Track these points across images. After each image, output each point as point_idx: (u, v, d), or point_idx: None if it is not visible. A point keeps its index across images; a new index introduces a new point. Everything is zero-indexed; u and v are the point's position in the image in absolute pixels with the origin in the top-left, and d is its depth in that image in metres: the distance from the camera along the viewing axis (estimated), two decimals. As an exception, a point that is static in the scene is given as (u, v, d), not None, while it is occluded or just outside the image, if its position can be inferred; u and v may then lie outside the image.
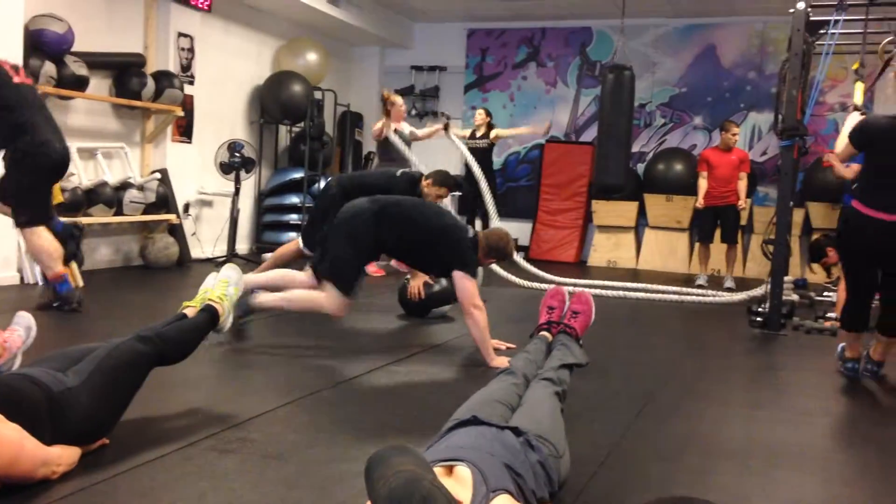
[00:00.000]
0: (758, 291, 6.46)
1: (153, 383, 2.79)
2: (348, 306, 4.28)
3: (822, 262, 6.38)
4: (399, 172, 5.81)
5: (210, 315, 3.05)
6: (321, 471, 2.51)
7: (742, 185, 7.97)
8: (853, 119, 4.33)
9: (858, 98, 4.75)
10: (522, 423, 2.32)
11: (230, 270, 3.29)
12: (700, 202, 8.01)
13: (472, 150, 8.93)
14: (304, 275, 4.47)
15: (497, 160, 10.05)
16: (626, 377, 4.04)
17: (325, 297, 4.21)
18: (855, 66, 5.04)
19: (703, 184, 7.97)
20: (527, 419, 2.36)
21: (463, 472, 1.92)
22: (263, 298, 4.26)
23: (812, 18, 6.29)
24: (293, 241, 5.74)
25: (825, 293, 7.29)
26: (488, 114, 9.10)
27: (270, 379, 3.69)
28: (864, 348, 4.23)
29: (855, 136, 4.03)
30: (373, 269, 6.31)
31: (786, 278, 6.44)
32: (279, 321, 4.97)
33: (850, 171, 4.65)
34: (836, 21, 5.38)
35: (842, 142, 4.11)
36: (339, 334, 4.74)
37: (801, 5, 5.35)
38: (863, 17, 5.60)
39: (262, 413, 3.02)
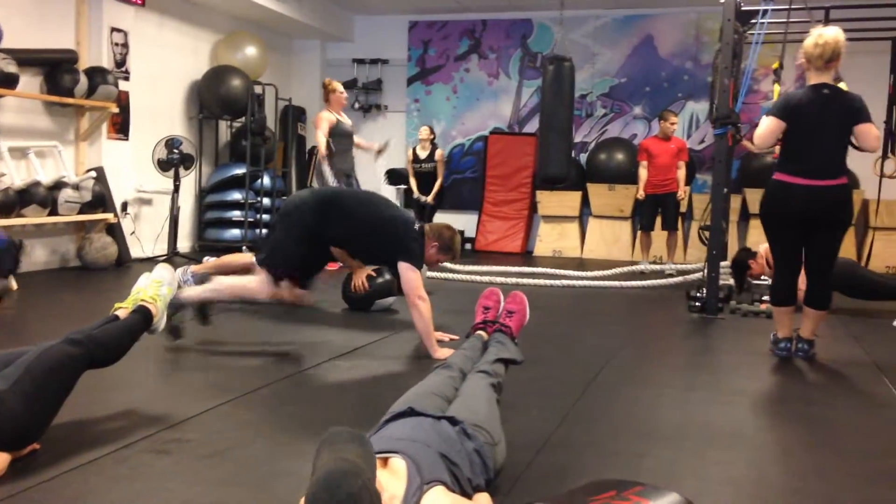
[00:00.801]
0: (695, 276, 6.60)
1: (87, 385, 2.75)
2: (273, 288, 4.19)
3: (748, 274, 6.55)
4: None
5: (143, 316, 3.01)
6: (259, 468, 2.50)
7: (681, 173, 8.12)
8: (767, 122, 4.46)
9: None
10: (458, 412, 2.35)
11: (163, 270, 3.24)
12: (640, 193, 8.13)
13: (419, 174, 9.00)
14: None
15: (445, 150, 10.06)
16: (566, 364, 4.10)
17: (255, 281, 4.17)
18: (774, 66, 5.16)
19: (643, 173, 8.09)
20: (463, 409, 2.39)
21: (397, 463, 1.93)
22: (190, 292, 4.11)
23: (744, 8, 6.43)
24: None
25: (762, 277, 7.47)
26: (432, 130, 9.14)
27: (208, 378, 3.65)
28: (795, 329, 4.36)
29: (779, 110, 4.17)
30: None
31: (723, 263, 6.59)
32: (217, 318, 4.92)
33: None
34: (766, 11, 5.51)
35: (762, 126, 4.23)
36: (281, 331, 4.72)
37: (730, -5, 5.46)
38: (794, 7, 5.74)
39: (199, 413, 2.99)
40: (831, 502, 2.41)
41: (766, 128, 4.19)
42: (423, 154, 9.07)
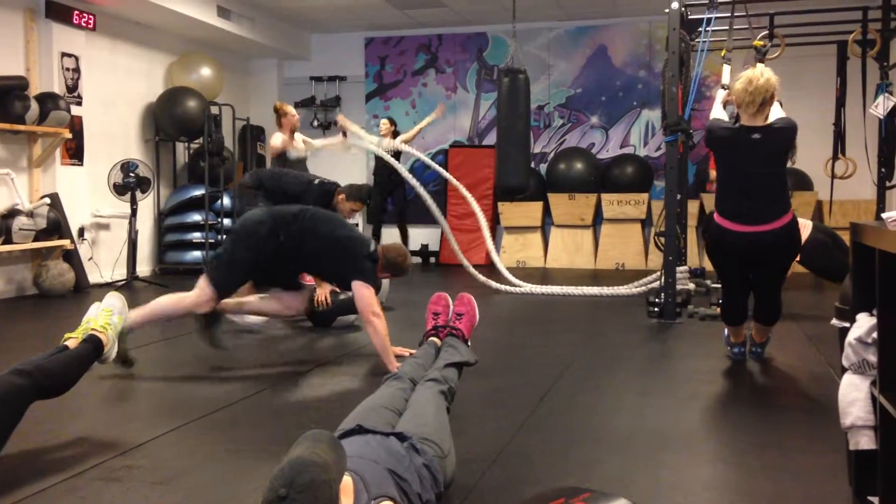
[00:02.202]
0: (655, 282, 6.68)
1: (36, 414, 2.73)
2: (211, 300, 4.14)
3: None
4: (316, 181, 5.79)
5: (93, 345, 2.99)
6: (210, 493, 2.48)
7: None
8: (721, 94, 4.53)
9: (726, 78, 4.92)
10: (407, 427, 2.36)
11: (113, 299, 3.23)
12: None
13: (380, 159, 8.94)
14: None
15: (403, 166, 10.06)
16: (524, 374, 4.13)
17: (189, 294, 4.11)
18: (722, 53, 5.27)
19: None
20: (411, 423, 2.40)
21: (344, 480, 1.94)
22: (131, 316, 3.95)
23: (690, 17, 6.56)
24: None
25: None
26: (392, 122, 9.11)
27: (161, 403, 3.62)
28: (748, 332, 4.43)
29: (706, 141, 4.20)
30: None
31: (682, 268, 6.67)
32: (173, 342, 4.88)
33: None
34: (710, 19, 5.62)
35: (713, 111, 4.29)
36: (235, 352, 4.68)
37: (674, 5, 5.56)
38: (737, 15, 5.88)
39: (150, 439, 2.97)
40: (778, 500, 2.45)
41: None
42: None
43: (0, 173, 6.96)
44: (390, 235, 9.46)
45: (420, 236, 10.30)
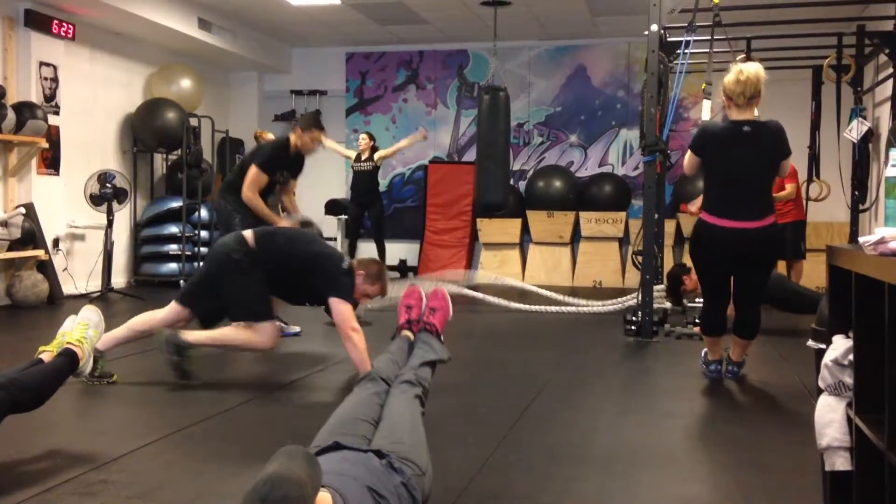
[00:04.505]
0: (632, 301, 6.71)
1: (9, 427, 2.68)
2: (275, 332, 4.22)
3: (681, 290, 6.68)
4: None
5: (69, 359, 2.96)
6: (186, 508, 2.46)
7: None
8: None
9: (706, 114, 4.99)
10: (384, 443, 2.35)
11: (89, 312, 3.19)
12: None
13: (358, 174, 8.94)
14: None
15: (383, 182, 10.10)
16: (503, 391, 4.13)
17: (256, 335, 4.14)
18: (703, 87, 5.32)
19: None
20: (388, 439, 2.39)
21: (324, 496, 1.93)
22: (195, 335, 4.12)
23: (669, 39, 6.64)
24: None
25: (697, 299, 7.63)
26: (371, 137, 9.11)
27: (137, 416, 3.58)
28: (725, 351, 4.47)
29: (694, 143, 4.22)
30: None
31: (659, 286, 6.72)
32: (149, 355, 4.83)
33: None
34: (688, 42, 5.69)
35: (685, 159, 4.33)
36: (212, 366, 4.64)
37: (654, 27, 5.62)
38: (715, 38, 5.95)
39: (126, 453, 2.93)
40: (754, 520, 2.47)
41: (687, 162, 4.27)
42: (363, 156, 8.98)
43: (-26, 182, 6.90)
44: (368, 251, 9.40)
45: (398, 251, 10.31)
